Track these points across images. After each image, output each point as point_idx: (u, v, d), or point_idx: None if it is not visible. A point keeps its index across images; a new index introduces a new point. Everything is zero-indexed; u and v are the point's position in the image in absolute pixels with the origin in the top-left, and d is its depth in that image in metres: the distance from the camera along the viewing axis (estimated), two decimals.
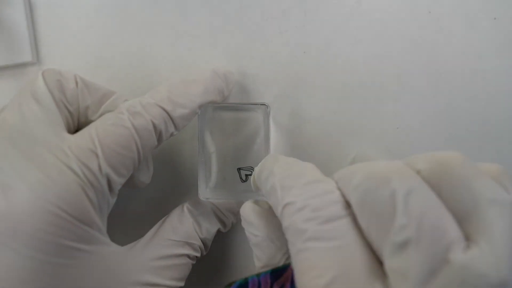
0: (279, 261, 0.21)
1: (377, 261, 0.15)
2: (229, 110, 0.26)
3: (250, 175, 0.25)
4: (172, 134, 0.23)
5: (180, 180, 0.28)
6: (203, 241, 0.24)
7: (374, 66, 0.28)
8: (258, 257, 0.21)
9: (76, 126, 0.23)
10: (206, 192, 0.25)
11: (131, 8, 0.28)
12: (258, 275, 0.20)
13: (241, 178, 0.25)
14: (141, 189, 0.25)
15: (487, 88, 0.27)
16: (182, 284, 0.23)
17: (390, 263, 0.14)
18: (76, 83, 0.22)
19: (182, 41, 0.28)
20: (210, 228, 0.25)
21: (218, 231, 0.25)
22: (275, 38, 0.28)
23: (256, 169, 0.20)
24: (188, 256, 0.23)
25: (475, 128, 0.27)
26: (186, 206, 0.25)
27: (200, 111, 0.24)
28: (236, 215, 0.26)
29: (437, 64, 0.27)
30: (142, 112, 0.21)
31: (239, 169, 0.25)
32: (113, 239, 0.22)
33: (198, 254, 0.24)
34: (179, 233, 0.23)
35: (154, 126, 0.21)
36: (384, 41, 0.27)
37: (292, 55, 0.28)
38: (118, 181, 0.21)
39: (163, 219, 0.24)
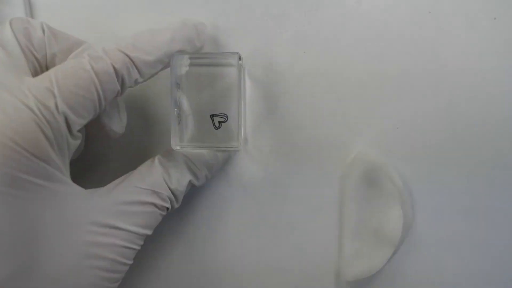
0: None
1: None
2: (202, 65, 0.25)
3: (224, 122, 0.25)
4: (137, 81, 0.23)
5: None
6: (173, 192, 0.24)
7: (374, 66, 0.28)
8: None
9: (44, 72, 0.23)
10: (178, 142, 0.25)
11: (131, 8, 0.28)
12: None
13: (214, 125, 0.25)
14: (114, 138, 0.26)
15: (487, 88, 0.27)
16: (148, 232, 0.23)
17: None
18: (43, 31, 0.23)
19: None
20: (181, 179, 0.24)
21: (192, 185, 0.25)
22: (275, 38, 0.28)
23: None
24: (154, 205, 0.23)
25: (475, 128, 0.27)
26: (157, 157, 0.25)
27: (171, 63, 0.24)
28: (210, 168, 0.26)
29: (437, 64, 0.27)
30: (103, 57, 0.22)
31: (212, 116, 0.25)
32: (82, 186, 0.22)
33: (167, 205, 0.24)
34: (146, 182, 0.23)
35: (116, 70, 0.22)
36: (384, 41, 0.27)
37: (292, 55, 0.28)
38: (78, 122, 0.21)
39: (134, 170, 0.25)
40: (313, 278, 0.28)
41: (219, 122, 0.25)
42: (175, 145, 0.25)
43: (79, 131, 0.22)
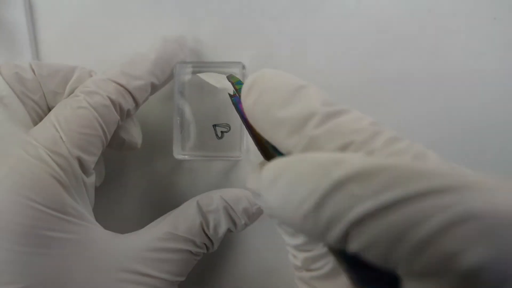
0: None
1: None
2: (205, 72, 0.25)
3: (226, 132, 0.25)
4: (135, 108, 0.23)
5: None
6: (210, 238, 0.23)
7: (374, 66, 0.28)
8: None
9: (47, 112, 0.23)
10: (180, 150, 0.25)
11: (131, 8, 0.28)
12: None
13: (216, 135, 0.25)
14: (134, 150, 0.25)
15: (487, 88, 0.27)
16: (181, 279, 0.23)
17: None
18: (33, 70, 0.22)
19: None
20: (219, 226, 0.24)
21: (229, 231, 0.25)
22: (275, 38, 0.28)
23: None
24: (190, 252, 0.23)
25: (475, 128, 0.27)
26: (197, 201, 0.24)
27: (175, 71, 0.24)
28: (251, 218, 0.25)
29: (437, 64, 0.27)
30: (96, 90, 0.22)
31: (214, 126, 0.25)
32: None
33: (203, 251, 0.23)
34: (182, 228, 0.23)
35: (112, 101, 0.22)
36: (384, 41, 0.27)
37: (292, 55, 0.28)
38: (90, 160, 0.21)
39: (171, 211, 0.24)
40: None
41: (222, 132, 0.25)
42: (178, 154, 0.25)
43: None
